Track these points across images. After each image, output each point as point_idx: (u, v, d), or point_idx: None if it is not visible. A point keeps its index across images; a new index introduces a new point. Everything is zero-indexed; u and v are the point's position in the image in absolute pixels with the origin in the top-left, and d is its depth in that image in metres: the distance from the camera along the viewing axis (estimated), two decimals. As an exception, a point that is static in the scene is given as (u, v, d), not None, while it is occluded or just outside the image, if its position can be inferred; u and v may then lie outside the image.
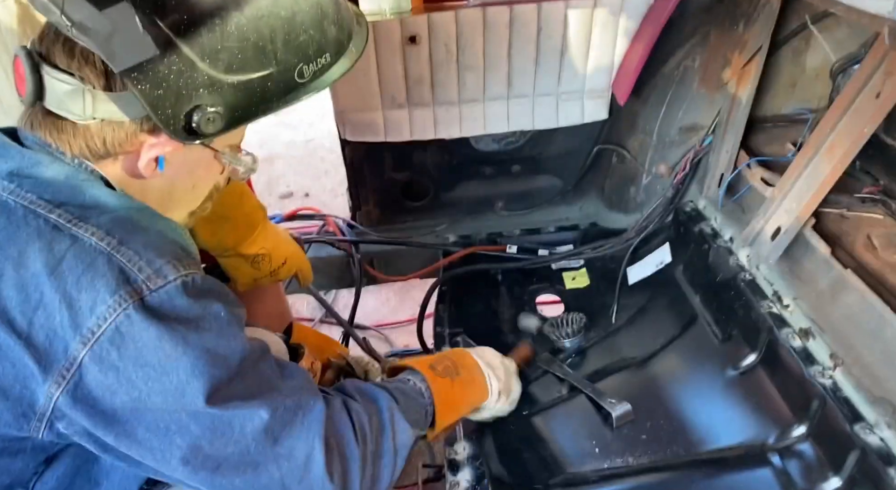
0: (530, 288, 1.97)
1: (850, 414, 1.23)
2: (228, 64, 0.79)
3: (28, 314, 0.76)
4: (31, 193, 0.81)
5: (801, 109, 1.78)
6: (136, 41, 0.73)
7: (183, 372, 0.79)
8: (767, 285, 1.53)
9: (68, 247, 0.78)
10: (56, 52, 0.79)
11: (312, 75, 0.87)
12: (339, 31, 0.89)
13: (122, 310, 0.76)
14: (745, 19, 1.62)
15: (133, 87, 0.76)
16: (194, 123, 0.80)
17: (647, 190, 1.98)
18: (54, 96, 0.80)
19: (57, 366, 0.77)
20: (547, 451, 1.42)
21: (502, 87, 1.86)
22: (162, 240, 0.83)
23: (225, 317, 0.84)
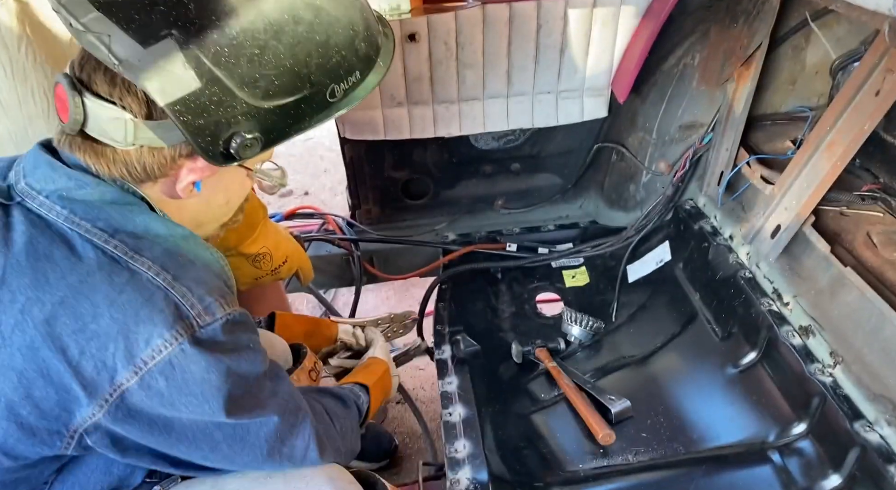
0: (530, 286, 1.97)
1: (850, 411, 1.23)
2: (266, 91, 0.81)
3: (81, 343, 0.80)
4: (86, 221, 0.84)
5: (800, 107, 1.78)
6: (180, 75, 0.75)
7: (220, 397, 0.85)
8: (767, 283, 1.53)
9: (127, 280, 0.82)
10: (98, 80, 0.81)
11: (343, 93, 0.89)
12: (369, 47, 0.91)
13: (178, 344, 0.81)
14: (744, 16, 1.61)
15: (175, 118, 0.78)
16: (233, 149, 0.82)
17: (646, 188, 1.98)
18: (96, 123, 0.82)
19: (102, 392, 0.81)
20: (547, 449, 1.43)
21: (502, 85, 1.86)
22: (208, 274, 0.89)
23: (253, 347, 0.92)
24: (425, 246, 2.03)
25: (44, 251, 0.82)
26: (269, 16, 0.78)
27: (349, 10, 0.86)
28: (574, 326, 1.74)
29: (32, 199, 0.85)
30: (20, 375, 0.80)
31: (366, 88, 0.92)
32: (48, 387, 0.81)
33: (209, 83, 0.77)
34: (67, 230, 0.83)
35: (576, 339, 1.73)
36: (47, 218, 0.84)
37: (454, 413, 1.39)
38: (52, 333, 0.79)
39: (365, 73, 0.91)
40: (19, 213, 0.85)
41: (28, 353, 0.80)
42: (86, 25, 0.74)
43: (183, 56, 0.75)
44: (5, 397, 0.81)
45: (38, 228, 0.83)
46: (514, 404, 1.55)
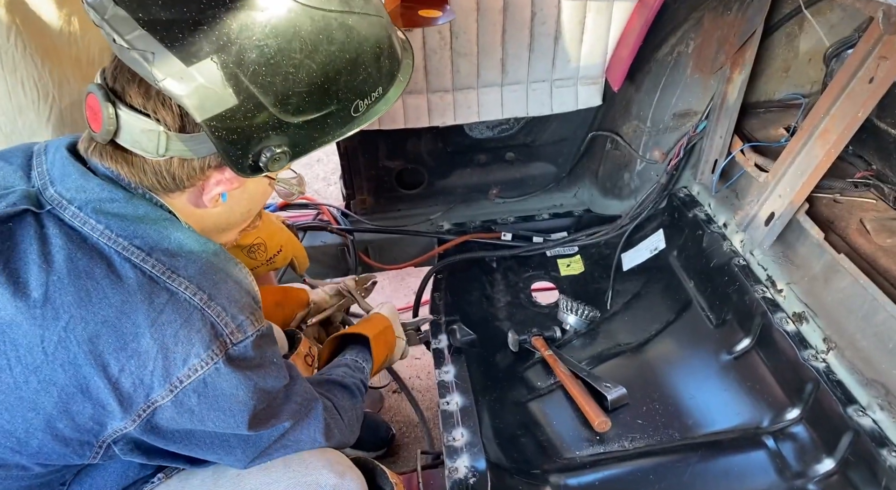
0: (525, 275, 1.97)
1: (844, 397, 1.25)
2: (297, 107, 0.83)
3: (122, 361, 0.82)
4: (122, 238, 0.85)
5: (794, 94, 1.78)
6: (219, 93, 0.78)
7: (245, 412, 0.90)
8: (761, 270, 1.54)
9: (166, 301, 0.84)
10: (132, 93, 0.82)
11: (366, 108, 0.91)
12: (392, 64, 0.93)
13: (213, 364, 0.85)
14: (738, 3, 1.61)
15: (209, 133, 0.80)
16: (262, 163, 0.84)
17: (641, 176, 1.98)
18: (128, 134, 0.83)
19: (136, 407, 0.84)
20: (544, 437, 1.44)
21: (496, 74, 1.85)
22: (239, 291, 0.91)
23: (278, 361, 0.96)
24: (420, 236, 2.03)
25: (84, 268, 0.83)
26: (305, 36, 0.81)
27: (376, 29, 0.89)
28: (569, 315, 1.75)
29: (64, 209, 0.86)
30: (61, 391, 0.82)
31: (387, 103, 0.94)
32: (86, 401, 0.83)
33: (245, 100, 0.79)
34: (105, 246, 0.85)
35: (571, 327, 1.74)
36: (82, 231, 0.85)
37: (451, 402, 1.40)
38: (95, 351, 0.82)
39: (387, 88, 0.93)
40: (53, 224, 0.85)
41: (70, 369, 0.82)
42: (130, 43, 0.76)
43: (223, 74, 0.77)
44: (45, 412, 0.83)
45: (75, 243, 0.84)
46: (510, 393, 1.56)
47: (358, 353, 1.33)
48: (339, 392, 1.16)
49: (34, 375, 0.81)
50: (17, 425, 0.83)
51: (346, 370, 1.25)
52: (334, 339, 1.41)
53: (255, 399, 0.90)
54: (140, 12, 0.77)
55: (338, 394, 1.15)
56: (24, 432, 0.84)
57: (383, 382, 2.12)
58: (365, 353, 1.34)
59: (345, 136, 0.91)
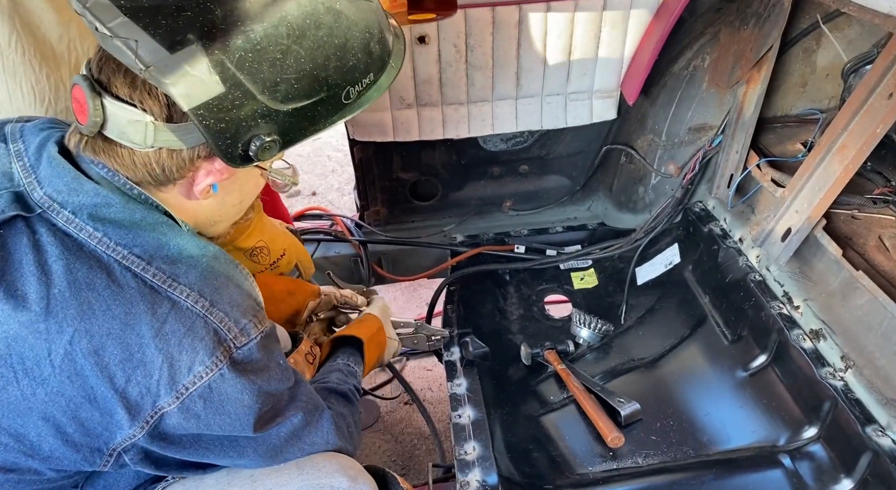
0: (538, 288, 1.96)
1: (862, 416, 1.23)
2: (286, 94, 0.82)
3: (128, 371, 0.82)
4: (122, 247, 0.84)
5: (811, 109, 1.77)
6: (205, 80, 0.76)
7: (251, 415, 0.90)
8: (777, 286, 1.53)
9: (169, 310, 0.84)
10: (118, 83, 0.81)
11: (357, 95, 0.90)
12: (382, 49, 0.92)
13: (218, 370, 0.85)
14: (755, 19, 1.61)
15: (197, 122, 0.78)
16: (251, 152, 0.83)
17: (655, 190, 1.97)
18: (115, 126, 0.82)
19: (144, 415, 0.84)
20: (556, 452, 1.43)
21: (511, 87, 1.86)
22: (241, 294, 0.90)
23: (283, 363, 0.96)
24: (433, 247, 2.03)
25: (84, 279, 0.82)
26: (292, 21, 0.80)
27: (366, 14, 0.88)
28: (583, 329, 1.74)
29: (56, 213, 0.84)
30: (69, 401, 0.83)
31: (379, 89, 0.93)
32: (94, 410, 0.84)
33: (232, 87, 0.78)
34: (103, 255, 0.84)
35: (585, 341, 1.73)
36: (78, 238, 0.84)
37: (463, 415, 1.39)
38: (101, 363, 0.82)
39: (378, 74, 0.92)
40: (45, 230, 0.84)
41: (77, 380, 0.82)
42: (112, 30, 0.74)
43: (208, 61, 0.76)
44: (54, 419, 0.83)
45: (72, 252, 0.83)
46: (523, 406, 1.55)
47: (350, 357, 1.32)
48: (334, 399, 1.16)
49: (42, 388, 0.82)
50: (30, 430, 0.84)
51: (339, 376, 1.24)
52: (330, 342, 1.40)
53: (259, 402, 0.90)
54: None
55: (334, 401, 1.15)
56: (36, 437, 0.84)
57: (394, 394, 2.12)
58: (356, 356, 1.33)
59: (336, 124, 0.90)
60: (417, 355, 2.23)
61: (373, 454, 1.93)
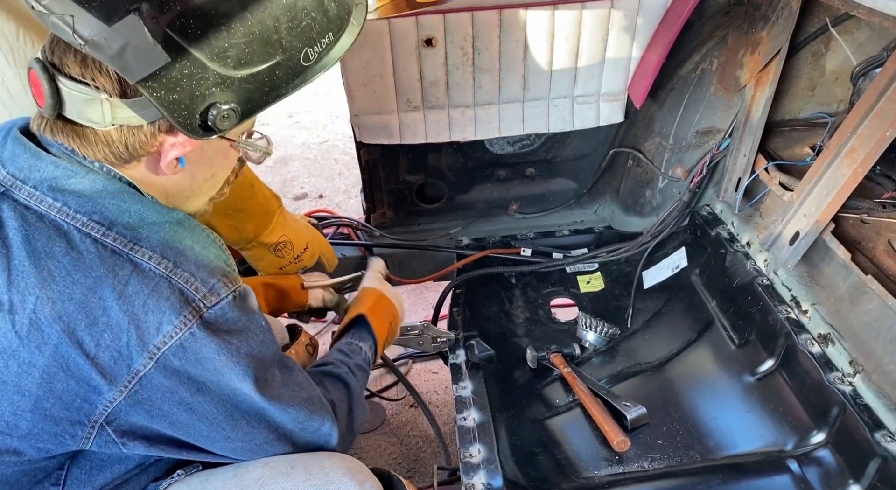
0: (544, 291, 1.96)
1: (871, 421, 1.22)
2: (237, 60, 0.80)
3: (96, 336, 0.82)
4: (80, 214, 0.84)
5: (820, 113, 1.76)
6: (147, 51, 0.74)
7: (234, 377, 0.88)
8: (785, 290, 1.52)
9: (130, 272, 0.83)
10: (69, 63, 0.80)
11: (318, 57, 0.88)
12: (339, 8, 0.89)
13: (188, 329, 0.84)
14: (763, 21, 1.60)
15: (148, 95, 0.77)
16: (210, 121, 0.82)
17: (662, 193, 1.97)
18: (73, 106, 0.82)
19: (121, 379, 0.84)
20: (562, 455, 1.42)
21: (517, 90, 1.86)
22: (208, 256, 0.89)
23: (265, 325, 0.94)
24: (439, 250, 2.03)
25: (43, 248, 0.82)
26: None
27: None
28: (589, 332, 1.73)
29: (19, 189, 0.84)
30: (42, 372, 0.82)
31: (340, 49, 0.91)
32: (69, 379, 0.83)
33: (178, 57, 0.76)
34: (63, 223, 0.83)
35: (591, 344, 1.73)
36: (38, 210, 0.84)
37: (469, 418, 1.38)
38: (67, 329, 0.81)
39: (338, 34, 0.90)
40: (7, 206, 0.84)
41: (47, 349, 0.81)
42: (47, 7, 0.72)
43: (148, 31, 0.74)
44: (30, 393, 0.83)
45: (31, 224, 0.83)
46: (528, 410, 1.55)
47: (354, 334, 1.30)
48: (329, 384, 1.14)
49: (13, 359, 0.81)
50: (5, 408, 0.83)
51: (338, 356, 1.23)
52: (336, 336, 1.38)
53: (242, 365, 0.88)
54: None
55: (329, 385, 1.13)
56: (12, 415, 0.84)
57: (399, 396, 2.11)
58: (362, 331, 1.31)
59: (300, 88, 0.88)
60: (423, 358, 2.23)
61: (378, 456, 1.93)
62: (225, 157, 0.99)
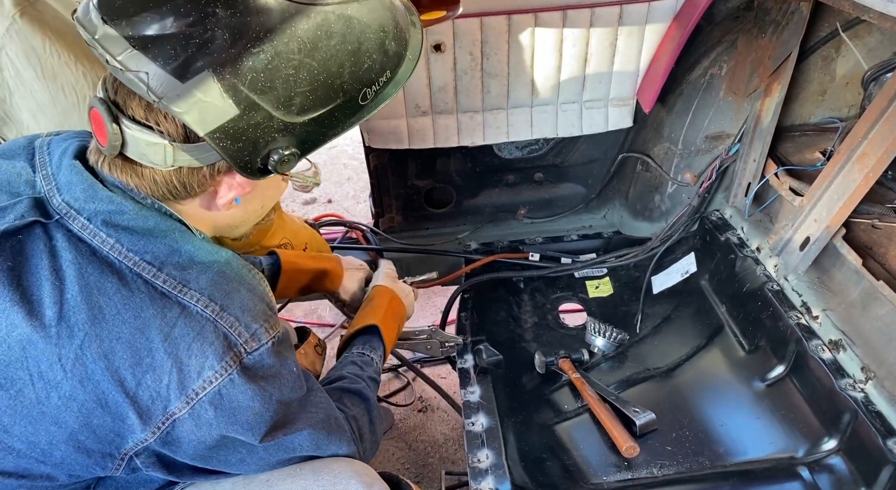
0: (553, 296, 1.96)
1: (883, 428, 1.20)
2: (301, 107, 0.82)
3: (138, 375, 0.83)
4: (133, 253, 0.85)
5: (830, 118, 1.75)
6: (218, 105, 0.77)
7: (261, 423, 0.90)
8: (796, 296, 1.51)
9: (178, 315, 0.84)
10: (133, 105, 0.81)
11: (374, 94, 0.89)
12: (398, 45, 0.90)
13: (227, 375, 0.85)
14: (773, 26, 1.60)
15: (213, 144, 0.79)
16: (270, 165, 0.83)
17: (671, 198, 1.96)
18: (135, 147, 0.83)
19: (155, 420, 0.85)
20: (570, 461, 1.41)
21: (526, 95, 1.86)
22: (252, 298, 0.90)
23: (296, 370, 0.96)
24: (448, 255, 2.03)
25: (96, 283, 0.83)
26: (302, 35, 0.79)
27: (379, 13, 0.87)
28: (598, 337, 1.73)
29: (73, 219, 0.85)
30: (81, 406, 0.83)
31: (396, 85, 0.92)
32: (106, 415, 0.84)
33: (246, 108, 0.78)
34: (115, 260, 0.84)
35: (599, 350, 1.72)
36: (92, 244, 0.85)
37: (477, 423, 1.38)
38: (111, 367, 0.82)
39: (395, 70, 0.91)
40: (62, 235, 0.85)
41: (89, 384, 0.82)
42: (122, 64, 0.75)
43: (220, 86, 0.76)
44: (67, 425, 0.84)
45: (85, 257, 0.84)
46: (536, 415, 1.54)
47: (365, 344, 1.31)
48: (348, 400, 1.15)
49: (55, 391, 0.82)
50: (41, 437, 0.84)
51: (353, 369, 1.23)
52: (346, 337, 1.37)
53: (270, 411, 0.90)
54: (129, 30, 0.75)
55: (348, 402, 1.14)
56: (48, 444, 0.85)
57: (408, 401, 2.11)
58: (373, 340, 1.32)
59: (355, 126, 0.89)
60: (431, 363, 2.23)
61: (386, 461, 1.93)
62: (276, 189, 1.01)
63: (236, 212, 0.96)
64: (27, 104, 1.31)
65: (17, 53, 1.25)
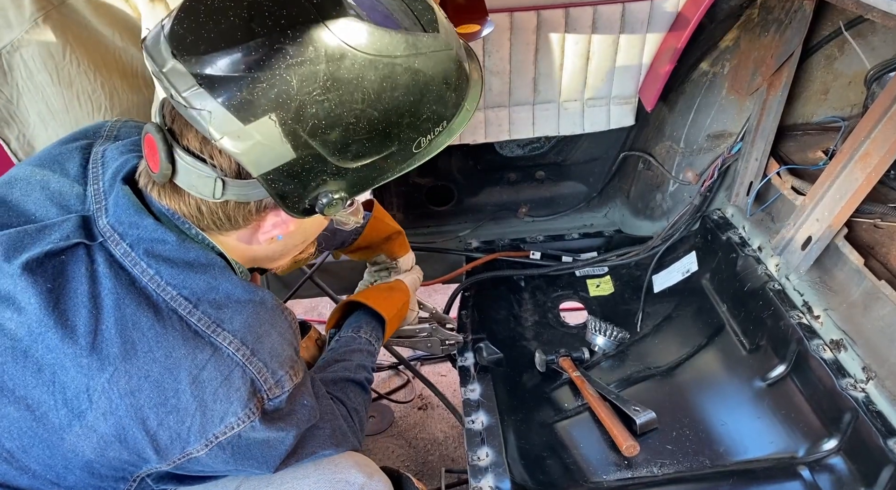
0: (553, 295, 1.95)
1: (884, 428, 1.20)
2: (356, 153, 0.82)
3: (161, 415, 0.83)
4: (171, 287, 0.85)
5: (833, 117, 1.75)
6: (276, 149, 0.77)
7: (275, 457, 0.93)
8: (797, 295, 1.51)
9: (209, 357, 0.84)
10: (189, 136, 0.81)
11: (428, 143, 0.88)
12: (458, 96, 0.89)
13: (249, 422, 0.85)
14: (776, 25, 1.59)
15: (266, 184, 0.79)
16: (318, 207, 0.84)
17: (673, 197, 1.96)
18: (186, 177, 0.83)
19: (171, 457, 0.86)
20: (570, 460, 1.41)
21: (528, 93, 1.85)
22: (282, 344, 0.90)
23: (309, 405, 0.96)
24: (449, 253, 2.03)
25: (132, 317, 0.83)
26: (368, 86, 0.78)
27: (444, 65, 0.85)
28: (598, 336, 1.73)
29: (116, 244, 0.86)
30: (100, 438, 0.83)
31: (450, 134, 0.90)
32: (123, 449, 0.84)
33: (303, 153, 0.78)
34: (153, 293, 0.84)
35: (600, 348, 1.72)
36: (132, 272, 0.85)
37: (477, 421, 1.38)
38: (136, 404, 0.82)
39: (452, 120, 0.89)
40: (103, 260, 0.85)
41: (111, 418, 0.82)
42: (187, 101, 0.75)
43: (280, 131, 0.76)
44: (83, 455, 0.84)
45: (124, 286, 0.84)
46: (537, 413, 1.54)
47: (372, 332, 1.29)
48: (352, 391, 1.15)
49: (77, 420, 0.82)
50: (57, 461, 0.84)
51: (360, 358, 1.22)
52: (346, 304, 1.36)
53: (286, 445, 0.92)
54: (198, 68, 0.75)
55: (351, 394, 1.14)
56: (63, 468, 0.85)
57: (407, 398, 2.11)
58: (378, 331, 1.30)
59: (405, 172, 0.89)
60: (431, 360, 2.23)
61: (386, 459, 1.93)
62: (318, 226, 1.01)
63: (276, 246, 0.96)
64: (36, 107, 1.30)
65: (33, 56, 1.25)
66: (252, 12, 0.76)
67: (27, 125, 1.32)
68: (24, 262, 0.83)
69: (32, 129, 1.33)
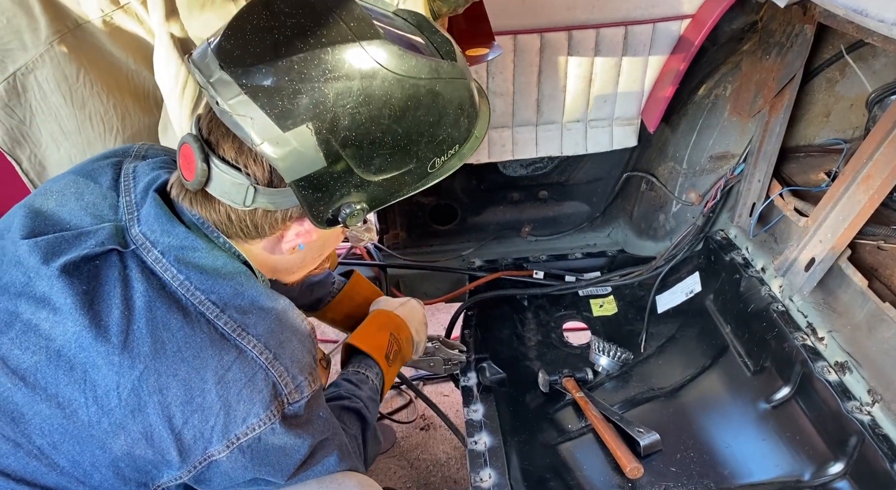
0: (557, 314, 1.95)
1: (891, 452, 1.19)
2: (379, 167, 0.88)
3: (186, 414, 0.86)
4: (200, 292, 0.89)
5: (835, 139, 1.76)
6: (311, 157, 0.82)
7: (292, 466, 0.96)
8: (801, 317, 1.50)
9: (234, 358, 0.88)
10: (225, 146, 0.86)
11: (441, 164, 0.94)
12: (470, 122, 0.96)
13: (270, 424, 0.89)
14: (778, 48, 1.61)
15: (296, 192, 0.85)
16: (341, 217, 0.89)
17: (676, 217, 1.96)
18: (219, 185, 0.88)
19: (193, 459, 0.88)
20: (574, 482, 1.40)
21: (531, 114, 1.87)
22: (302, 350, 0.94)
23: (324, 414, 1.00)
24: (452, 272, 2.03)
25: (162, 318, 0.87)
26: (395, 103, 0.85)
27: (460, 91, 0.92)
28: (602, 356, 1.72)
29: (148, 251, 0.90)
30: (128, 435, 0.86)
31: (461, 159, 0.96)
32: (148, 448, 0.87)
33: (333, 163, 0.84)
34: (182, 297, 0.89)
35: (604, 369, 1.71)
36: (162, 278, 0.89)
37: (479, 442, 1.37)
38: (163, 402, 0.85)
39: (463, 145, 0.96)
40: (135, 266, 0.89)
41: (139, 416, 0.85)
42: (232, 107, 0.80)
43: (316, 139, 0.81)
44: (111, 452, 0.86)
45: (155, 290, 0.88)
46: (540, 434, 1.53)
47: (360, 362, 1.31)
48: (347, 418, 1.18)
49: (106, 417, 0.84)
50: (85, 458, 0.86)
51: (348, 387, 1.24)
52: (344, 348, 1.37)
53: (301, 453, 0.95)
54: (244, 78, 0.81)
55: (347, 421, 1.17)
56: (91, 465, 0.87)
57: (409, 419, 2.10)
58: (368, 359, 1.32)
59: (418, 191, 0.94)
60: (434, 380, 2.22)
61: (388, 480, 1.91)
62: (336, 239, 1.07)
63: (296, 257, 1.01)
64: (49, 128, 1.32)
65: (47, 78, 1.27)
66: (296, 31, 0.82)
67: (39, 145, 1.33)
68: (62, 264, 0.87)
69: (44, 150, 1.34)
